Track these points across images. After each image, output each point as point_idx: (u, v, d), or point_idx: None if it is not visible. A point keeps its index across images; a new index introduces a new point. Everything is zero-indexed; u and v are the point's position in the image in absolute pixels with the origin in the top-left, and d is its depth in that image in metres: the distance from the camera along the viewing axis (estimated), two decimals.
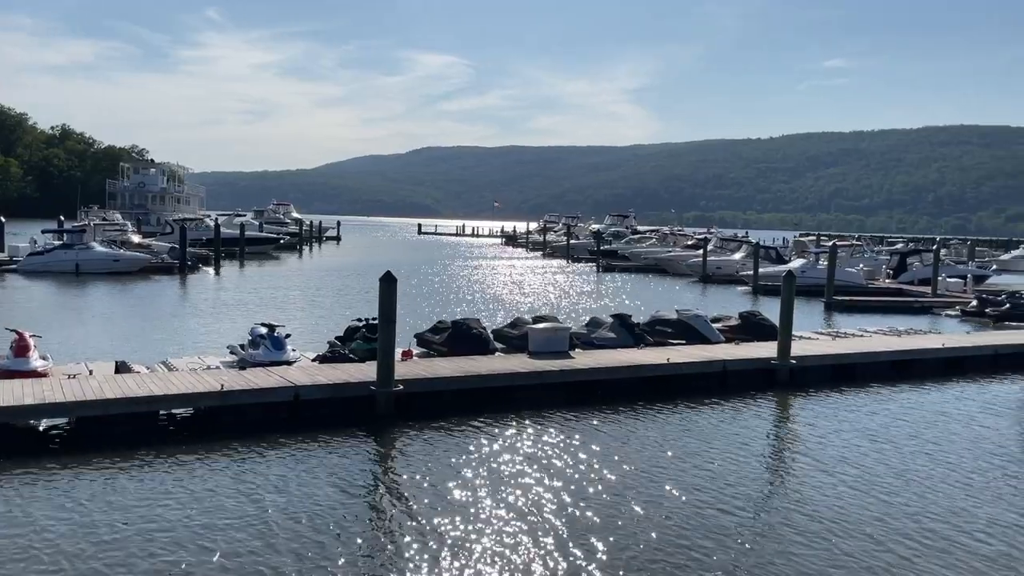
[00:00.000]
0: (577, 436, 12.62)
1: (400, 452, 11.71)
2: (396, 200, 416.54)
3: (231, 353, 16.17)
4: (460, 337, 17.13)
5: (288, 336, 16.23)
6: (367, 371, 13.89)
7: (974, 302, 31.71)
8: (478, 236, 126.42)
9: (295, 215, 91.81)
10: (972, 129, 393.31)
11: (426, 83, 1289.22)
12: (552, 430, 12.90)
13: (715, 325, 20.04)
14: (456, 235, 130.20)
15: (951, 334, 23.74)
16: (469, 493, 9.95)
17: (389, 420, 12.98)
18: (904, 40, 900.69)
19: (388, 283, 13.50)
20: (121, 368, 14.47)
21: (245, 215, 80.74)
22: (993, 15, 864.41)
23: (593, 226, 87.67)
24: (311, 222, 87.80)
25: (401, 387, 13.37)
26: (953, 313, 31.90)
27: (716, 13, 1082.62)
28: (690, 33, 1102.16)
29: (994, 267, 57.16)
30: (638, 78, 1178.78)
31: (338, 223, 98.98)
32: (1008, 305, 29.22)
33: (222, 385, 12.57)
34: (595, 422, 13.54)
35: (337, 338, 17.22)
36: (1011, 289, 35.80)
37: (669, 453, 11.92)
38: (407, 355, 15.92)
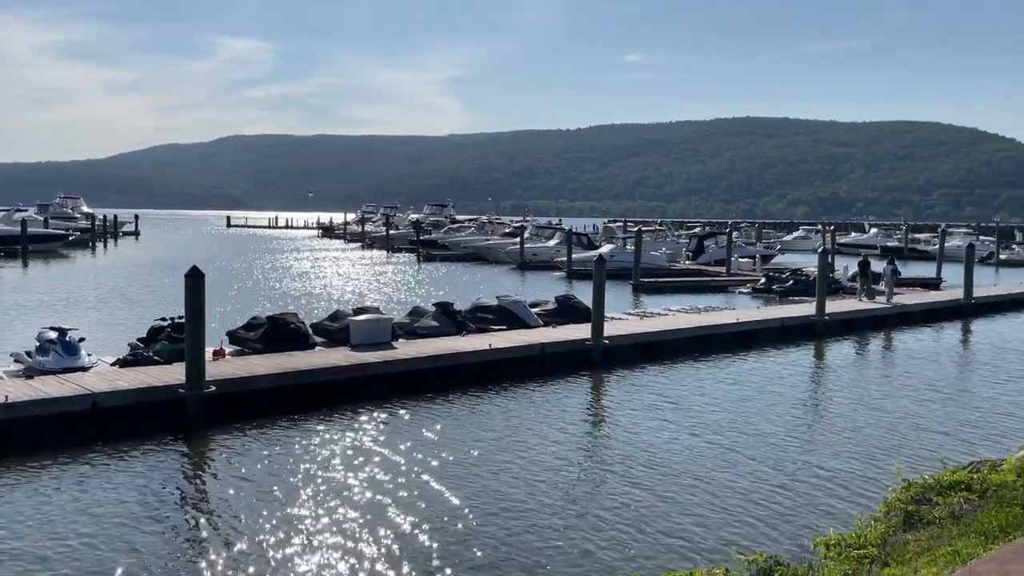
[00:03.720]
0: (403, 428, 12.55)
1: (214, 457, 11.12)
2: (202, 192, 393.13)
3: (16, 361, 14.78)
4: (276, 333, 16.51)
5: (82, 340, 15.01)
6: (175, 373, 13.06)
7: (762, 279, 34.82)
8: (293, 228, 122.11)
9: (86, 209, 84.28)
10: (756, 121, 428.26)
11: (229, 68, 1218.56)
12: (377, 424, 12.75)
13: (533, 310, 20.65)
14: (269, 227, 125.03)
15: (744, 309, 25.92)
16: (290, 496, 9.62)
17: (201, 424, 12.27)
18: (695, 37, 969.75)
19: (195, 278, 12.74)
20: None
21: (27, 210, 73.30)
22: (774, 17, 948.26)
23: (412, 216, 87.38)
24: (105, 216, 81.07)
25: (213, 388, 12.68)
26: (745, 290, 34.74)
27: (525, 7, 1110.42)
28: (501, 26, 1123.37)
29: (779, 247, 63.17)
30: (452, 69, 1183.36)
31: (136, 217, 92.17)
32: (791, 281, 32.64)
33: (6, 396, 11.39)
34: (421, 412, 13.52)
35: (139, 339, 16.12)
36: (793, 267, 39.77)
37: (497, 437, 12.12)
38: (219, 354, 15.14)
